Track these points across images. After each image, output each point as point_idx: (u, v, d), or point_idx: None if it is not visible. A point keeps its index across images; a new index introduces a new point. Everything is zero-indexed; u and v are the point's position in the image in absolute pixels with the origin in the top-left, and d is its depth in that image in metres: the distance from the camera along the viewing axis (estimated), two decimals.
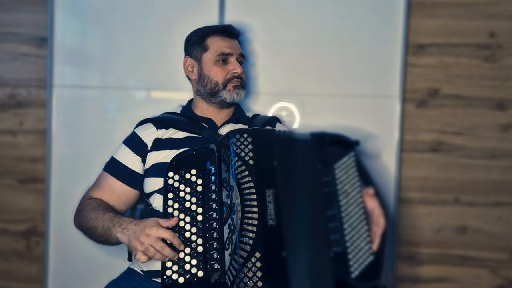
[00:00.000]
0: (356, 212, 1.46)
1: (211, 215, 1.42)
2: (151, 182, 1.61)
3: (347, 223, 1.43)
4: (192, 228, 1.41)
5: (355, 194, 1.48)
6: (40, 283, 2.24)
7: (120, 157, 1.66)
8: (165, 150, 1.62)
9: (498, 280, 2.19)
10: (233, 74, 1.67)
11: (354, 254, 1.41)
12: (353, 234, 1.43)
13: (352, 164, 1.51)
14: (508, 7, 2.13)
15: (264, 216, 1.35)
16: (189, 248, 1.39)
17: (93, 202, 1.60)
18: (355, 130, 2.02)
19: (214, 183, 1.44)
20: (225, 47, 1.69)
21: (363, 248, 1.43)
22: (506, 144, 2.16)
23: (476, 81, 2.15)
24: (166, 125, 1.67)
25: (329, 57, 2.11)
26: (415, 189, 2.18)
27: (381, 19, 2.10)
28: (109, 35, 2.17)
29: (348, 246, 1.41)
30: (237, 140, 1.43)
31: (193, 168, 1.48)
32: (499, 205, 2.17)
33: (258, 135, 1.45)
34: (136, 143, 1.66)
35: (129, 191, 1.65)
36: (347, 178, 1.49)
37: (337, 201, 1.45)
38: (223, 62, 1.68)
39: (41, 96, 2.23)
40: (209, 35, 1.70)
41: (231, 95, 1.67)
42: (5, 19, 2.23)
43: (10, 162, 2.26)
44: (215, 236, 1.39)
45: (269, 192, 1.38)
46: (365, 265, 1.41)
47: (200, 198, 1.45)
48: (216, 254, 1.38)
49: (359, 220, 1.45)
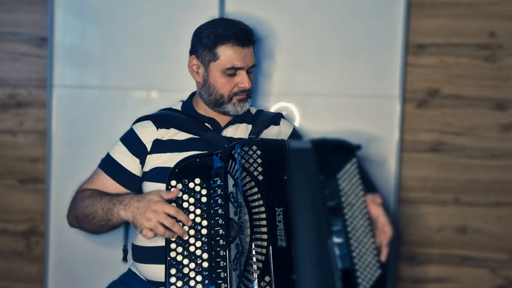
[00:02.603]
0: (362, 224, 1.41)
1: (217, 231, 1.36)
2: (151, 187, 1.53)
3: (353, 238, 1.38)
4: (196, 242, 1.36)
5: (360, 204, 1.43)
6: (40, 283, 2.24)
7: (117, 156, 1.59)
8: (166, 153, 1.55)
9: (498, 280, 2.19)
10: (240, 88, 1.58)
11: (362, 271, 1.37)
12: (360, 249, 1.39)
13: (355, 172, 1.46)
14: (508, 7, 2.13)
15: (274, 236, 1.28)
16: (193, 264, 1.34)
17: (87, 191, 1.56)
18: (356, 132, 2.02)
19: (220, 196, 1.37)
20: (236, 60, 1.55)
21: (371, 263, 1.39)
22: (506, 144, 2.16)
23: (476, 81, 2.15)
24: (166, 124, 1.59)
25: (329, 57, 2.11)
26: (415, 189, 2.18)
27: (381, 19, 2.10)
28: (109, 35, 2.17)
29: (356, 262, 1.37)
30: (245, 153, 1.35)
31: (197, 177, 1.40)
32: (499, 205, 2.17)
33: (267, 148, 1.38)
34: (135, 144, 1.58)
35: (124, 192, 1.57)
36: (351, 188, 1.44)
37: (342, 214, 1.40)
38: (231, 75, 1.57)
39: (41, 96, 2.23)
40: (221, 42, 1.55)
41: (235, 108, 1.59)
42: (5, 19, 2.23)
43: (10, 162, 2.26)
44: (222, 254, 1.33)
45: (279, 210, 1.31)
46: (373, 280, 1.38)
47: (204, 210, 1.38)
48: (223, 273, 1.32)
49: (365, 232, 1.41)
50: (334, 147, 1.47)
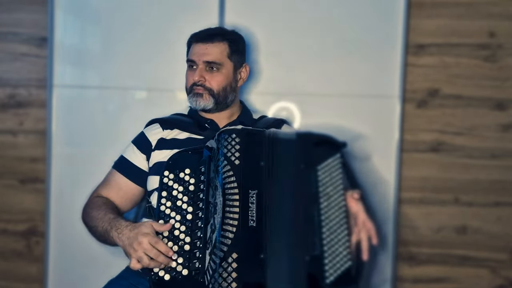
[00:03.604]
0: (337, 215, 1.43)
1: (197, 214, 1.44)
2: (152, 180, 1.63)
3: (326, 227, 1.40)
4: (181, 227, 1.44)
5: (338, 197, 1.45)
6: (40, 283, 2.25)
7: (128, 155, 1.70)
8: (168, 149, 1.64)
9: (498, 280, 2.19)
10: (193, 80, 1.69)
11: (330, 259, 1.38)
12: (332, 238, 1.40)
13: (336, 166, 1.48)
14: (508, 7, 2.13)
15: (245, 216, 1.35)
16: (176, 246, 1.41)
17: (99, 200, 1.63)
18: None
19: (203, 182, 1.46)
20: (191, 53, 1.70)
21: (341, 253, 1.40)
22: (506, 144, 2.16)
23: (476, 81, 2.15)
24: (171, 125, 1.70)
25: (329, 57, 2.11)
26: (415, 189, 2.18)
27: (381, 19, 2.10)
28: (109, 35, 2.17)
29: (326, 250, 1.38)
30: (225, 140, 1.44)
31: (187, 168, 1.50)
32: (499, 205, 2.17)
33: (246, 135, 1.46)
34: (142, 142, 1.70)
35: (135, 188, 1.68)
36: (330, 180, 1.46)
37: (317, 203, 1.42)
38: (193, 68, 1.69)
39: (41, 96, 2.23)
40: (192, 41, 1.72)
41: (192, 101, 1.69)
42: (5, 19, 2.23)
43: (10, 162, 2.26)
44: (199, 235, 1.41)
45: (252, 193, 1.38)
46: (341, 270, 1.38)
47: (191, 198, 1.47)
48: (198, 253, 1.40)
49: (339, 224, 1.42)
50: (320, 141, 1.50)
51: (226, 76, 1.70)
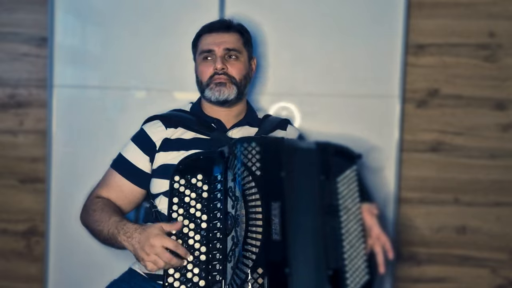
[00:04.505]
0: (355, 229, 1.42)
1: (215, 225, 1.38)
2: (158, 184, 1.58)
3: (346, 240, 1.40)
4: (195, 236, 1.38)
5: (355, 210, 1.44)
6: (40, 283, 2.25)
7: (129, 155, 1.63)
8: (174, 151, 1.58)
9: (498, 280, 2.19)
10: (214, 70, 1.62)
11: (351, 273, 1.38)
12: (351, 252, 1.40)
13: (354, 178, 1.47)
14: (508, 7, 2.13)
15: (268, 230, 1.31)
16: (191, 256, 1.36)
17: (99, 202, 1.57)
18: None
19: (220, 191, 1.40)
20: (206, 44, 1.64)
21: (360, 267, 1.40)
22: (506, 144, 2.16)
23: (476, 81, 2.15)
24: (175, 124, 1.63)
25: (329, 57, 2.11)
26: (415, 189, 2.18)
27: (381, 19, 2.10)
28: (109, 35, 2.17)
29: (346, 264, 1.38)
30: (245, 149, 1.38)
31: (200, 173, 1.43)
32: (499, 205, 2.17)
33: (266, 145, 1.40)
34: (145, 142, 1.62)
35: (137, 191, 1.62)
36: (349, 192, 1.45)
37: (338, 216, 1.41)
38: (208, 59, 1.64)
39: (41, 96, 2.23)
40: (201, 34, 1.68)
41: (213, 93, 1.63)
42: (5, 19, 2.23)
43: (10, 162, 2.26)
44: (218, 247, 1.36)
45: (275, 205, 1.33)
46: (361, 284, 1.39)
47: (205, 205, 1.41)
48: (218, 265, 1.35)
49: (357, 238, 1.42)
50: (337, 152, 1.49)
51: (245, 65, 1.68)
